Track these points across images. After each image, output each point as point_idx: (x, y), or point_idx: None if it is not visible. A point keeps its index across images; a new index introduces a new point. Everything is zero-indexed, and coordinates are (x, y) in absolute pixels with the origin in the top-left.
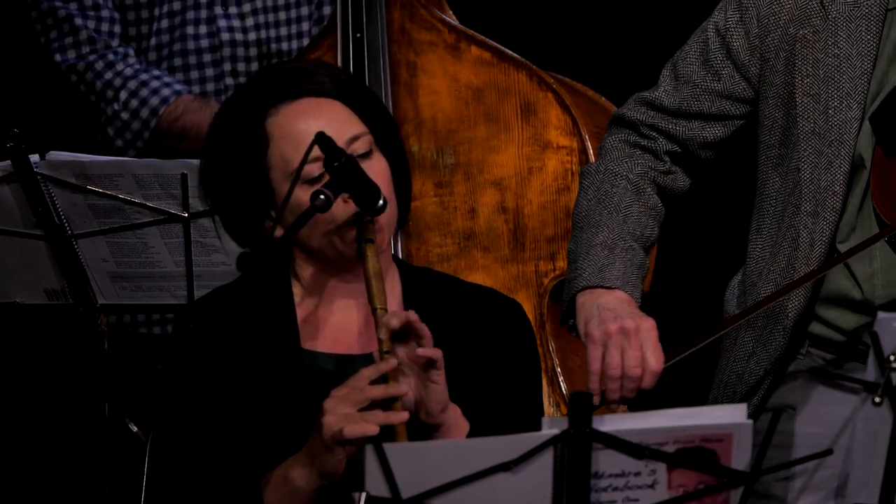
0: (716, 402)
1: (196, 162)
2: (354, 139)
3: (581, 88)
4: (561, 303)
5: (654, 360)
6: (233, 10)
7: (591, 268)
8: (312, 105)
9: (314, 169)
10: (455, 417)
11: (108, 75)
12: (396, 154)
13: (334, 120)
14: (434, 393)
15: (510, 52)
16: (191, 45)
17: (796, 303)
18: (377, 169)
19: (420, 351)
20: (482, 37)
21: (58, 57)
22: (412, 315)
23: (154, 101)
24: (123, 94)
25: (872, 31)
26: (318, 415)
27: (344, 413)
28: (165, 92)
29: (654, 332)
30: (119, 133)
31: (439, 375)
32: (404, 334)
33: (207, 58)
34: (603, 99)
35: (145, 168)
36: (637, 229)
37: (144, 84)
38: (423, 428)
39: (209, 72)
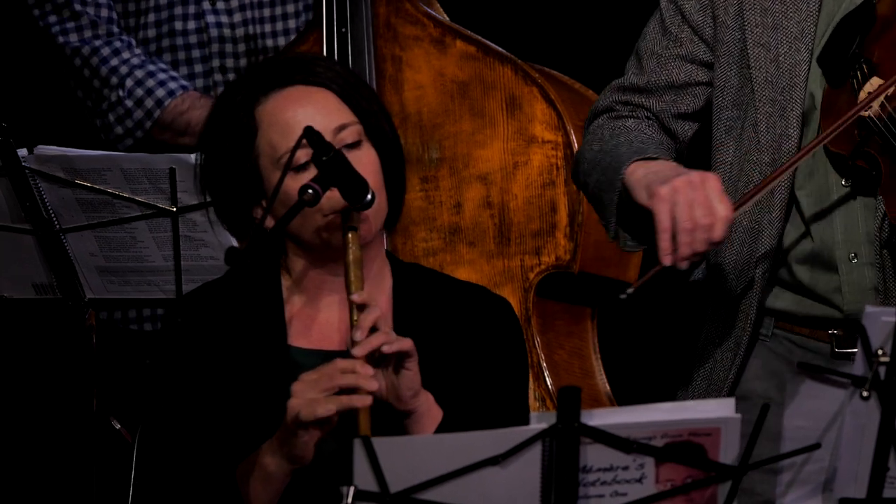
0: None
1: (185, 156)
2: (342, 128)
3: (568, 81)
4: (605, 219)
5: (723, 207)
6: (220, 5)
7: (628, 154)
8: (301, 93)
9: (301, 157)
10: (427, 404)
11: (114, 62)
12: (389, 147)
13: (322, 108)
14: (405, 379)
15: (495, 46)
16: (179, 40)
17: (763, 263)
18: (365, 160)
19: (386, 349)
20: (468, 31)
21: (60, 39)
22: (379, 313)
23: (160, 92)
24: (129, 82)
25: None
26: None
27: (309, 397)
28: (172, 85)
29: (718, 183)
30: (120, 120)
31: (412, 363)
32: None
33: (196, 53)
34: (590, 92)
35: (134, 162)
36: (652, 146)
37: (151, 75)
38: (394, 414)
39: (198, 68)
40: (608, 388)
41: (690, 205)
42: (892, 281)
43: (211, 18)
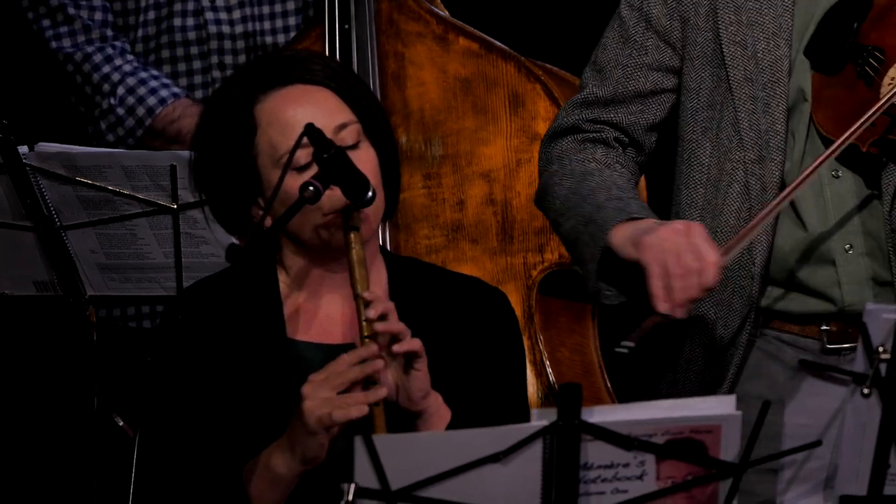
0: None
1: (185, 153)
2: (342, 127)
3: (571, 78)
4: (585, 271)
5: (712, 252)
6: (220, 2)
7: (611, 212)
8: (301, 92)
9: (302, 156)
10: (437, 405)
11: (106, 69)
12: (385, 144)
13: (323, 107)
14: (416, 380)
15: (498, 43)
16: (178, 37)
17: (759, 258)
18: (365, 159)
19: (396, 347)
20: (470, 28)
21: (53, 44)
22: (389, 305)
23: (151, 100)
24: (121, 90)
25: None
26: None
27: (324, 397)
28: (164, 93)
29: (703, 230)
30: (112, 128)
31: (421, 363)
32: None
33: (195, 50)
34: None
35: (134, 159)
36: (629, 194)
37: (143, 82)
38: (404, 415)
39: (196, 64)
40: (609, 384)
41: (678, 252)
42: (887, 271)
43: (210, 15)
